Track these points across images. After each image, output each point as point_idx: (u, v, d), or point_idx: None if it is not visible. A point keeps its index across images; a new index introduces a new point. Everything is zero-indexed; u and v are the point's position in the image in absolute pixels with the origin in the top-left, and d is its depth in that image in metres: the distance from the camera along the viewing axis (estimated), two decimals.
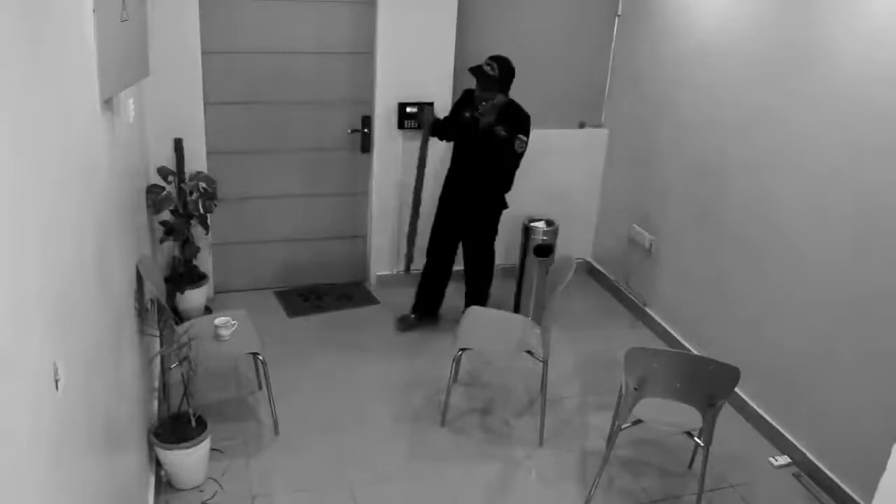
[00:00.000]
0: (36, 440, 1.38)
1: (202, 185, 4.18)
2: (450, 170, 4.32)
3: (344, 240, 5.05)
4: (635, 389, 2.93)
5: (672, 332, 4.52)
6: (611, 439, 3.13)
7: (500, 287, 5.07)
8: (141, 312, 3.09)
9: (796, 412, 3.57)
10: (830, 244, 3.33)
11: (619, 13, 4.98)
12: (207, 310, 4.41)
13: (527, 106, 5.02)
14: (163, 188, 4.04)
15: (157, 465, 3.15)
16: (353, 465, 3.36)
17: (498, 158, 4.06)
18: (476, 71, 3.96)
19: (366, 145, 4.79)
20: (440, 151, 4.67)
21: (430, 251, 4.46)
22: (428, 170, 4.56)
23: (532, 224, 4.65)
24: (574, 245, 5.18)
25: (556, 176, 5.18)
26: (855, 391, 3.22)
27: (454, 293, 4.58)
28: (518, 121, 4.01)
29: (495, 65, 3.93)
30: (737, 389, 3.35)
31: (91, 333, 1.96)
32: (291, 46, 4.46)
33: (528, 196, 5.13)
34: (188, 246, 4.32)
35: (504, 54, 4.02)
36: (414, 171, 4.75)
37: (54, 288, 1.57)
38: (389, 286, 5.03)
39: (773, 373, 3.69)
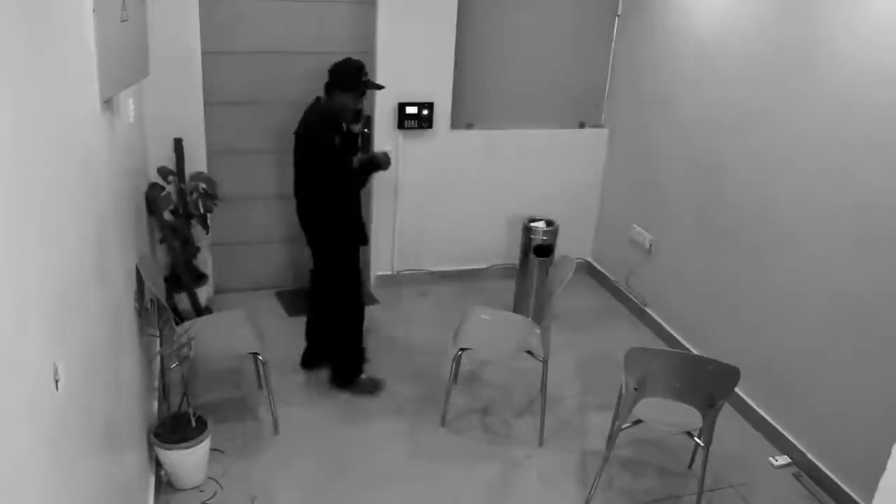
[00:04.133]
0: (36, 440, 1.38)
1: (202, 185, 4.18)
2: (354, 206, 3.68)
3: None
4: (635, 389, 2.93)
5: (672, 332, 4.52)
6: (611, 439, 3.13)
7: (500, 287, 5.08)
8: (141, 312, 3.09)
9: (796, 412, 3.57)
10: (830, 244, 3.33)
11: (619, 13, 4.98)
12: (207, 310, 4.40)
13: (527, 105, 5.07)
14: (163, 188, 4.04)
15: (157, 465, 3.15)
16: (353, 465, 3.36)
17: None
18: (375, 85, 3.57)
19: (366, 145, 4.78)
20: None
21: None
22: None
23: (532, 224, 4.65)
24: (574, 245, 5.17)
25: (556, 176, 5.19)
26: (855, 391, 3.22)
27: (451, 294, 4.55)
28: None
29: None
30: (737, 389, 3.35)
31: (91, 333, 1.96)
32: (291, 46, 4.46)
33: (528, 196, 5.14)
34: (188, 246, 4.33)
35: (354, 60, 3.54)
36: (415, 173, 4.77)
37: (54, 288, 1.57)
38: (389, 286, 5.04)
39: (773, 373, 3.69)
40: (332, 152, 3.46)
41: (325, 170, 3.47)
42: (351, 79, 3.47)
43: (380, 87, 3.69)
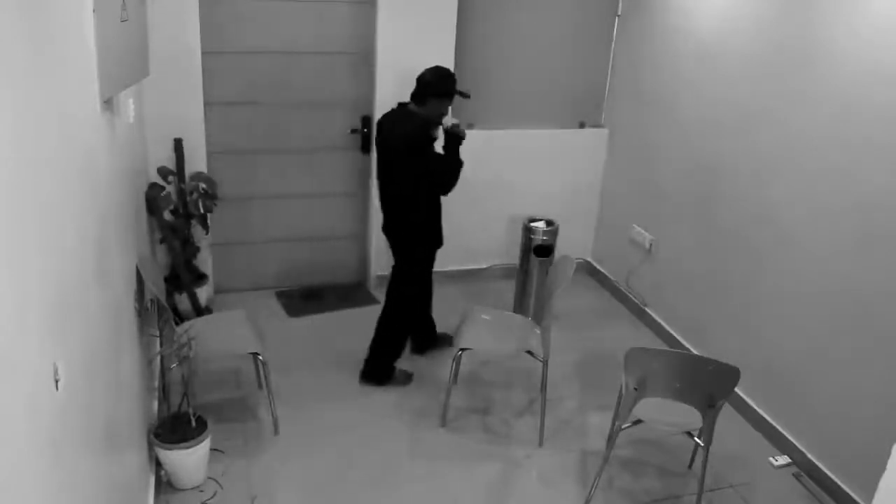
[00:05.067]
0: (36, 440, 1.37)
1: (202, 185, 4.18)
2: (435, 207, 3.80)
3: (344, 240, 5.05)
4: (635, 389, 2.93)
5: (672, 332, 4.52)
6: (611, 439, 3.13)
7: (500, 287, 5.08)
8: (141, 312, 3.09)
9: (796, 412, 3.57)
10: (830, 244, 3.33)
11: (619, 13, 4.98)
12: (207, 310, 4.41)
13: (527, 105, 5.07)
14: (163, 188, 4.04)
15: (157, 465, 3.15)
16: (353, 465, 3.36)
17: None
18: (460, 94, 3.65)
19: (366, 145, 4.79)
20: None
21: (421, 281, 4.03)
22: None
23: (532, 224, 4.65)
24: (574, 245, 5.18)
25: (556, 176, 5.19)
26: (855, 391, 3.22)
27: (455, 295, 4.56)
28: None
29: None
30: (737, 389, 3.36)
31: (91, 333, 1.96)
32: (291, 46, 4.46)
33: (528, 196, 5.14)
34: (188, 246, 4.33)
35: (443, 68, 3.67)
36: None
37: (54, 288, 1.57)
38: None
39: (773, 373, 3.69)
40: (433, 157, 3.58)
41: (428, 173, 3.57)
42: (447, 85, 3.58)
43: (467, 96, 3.76)
